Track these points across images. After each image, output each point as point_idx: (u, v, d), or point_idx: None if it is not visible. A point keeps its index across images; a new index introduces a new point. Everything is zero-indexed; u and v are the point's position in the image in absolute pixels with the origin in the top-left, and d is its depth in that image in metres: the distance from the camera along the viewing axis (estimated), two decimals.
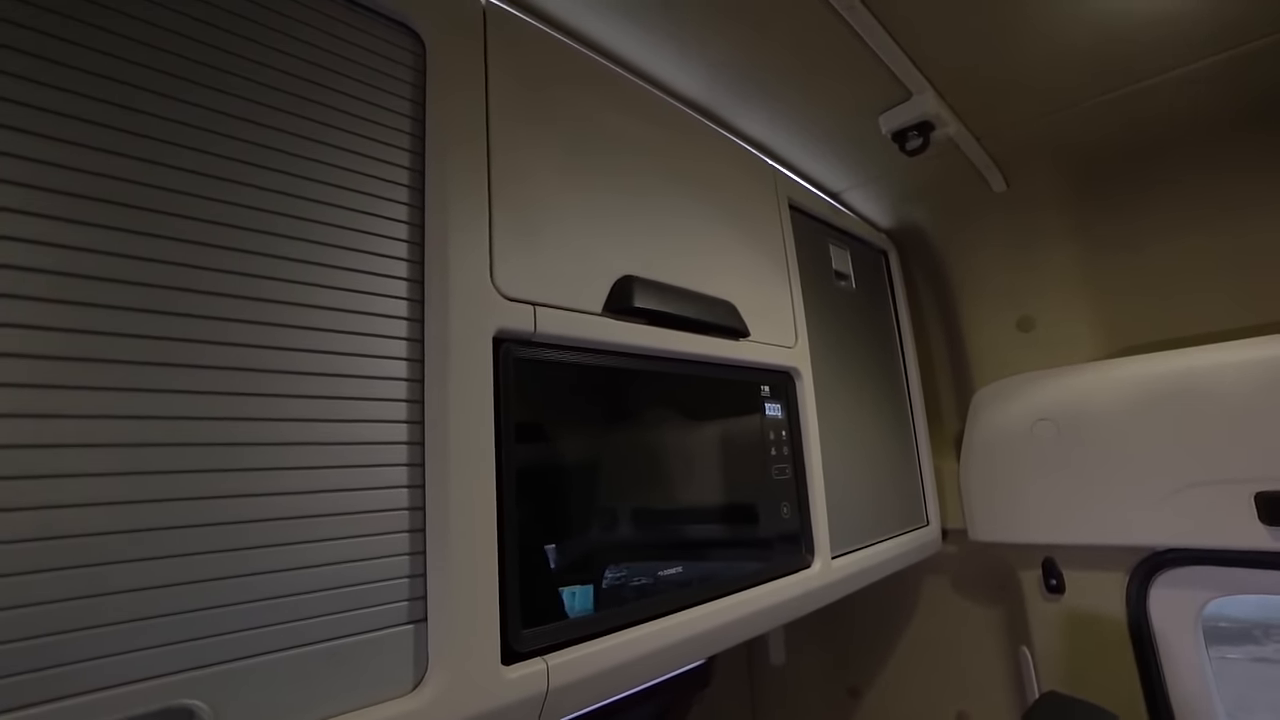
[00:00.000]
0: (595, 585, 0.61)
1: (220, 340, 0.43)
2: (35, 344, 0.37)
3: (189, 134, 0.44)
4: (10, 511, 0.35)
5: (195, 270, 0.43)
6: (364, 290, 0.51)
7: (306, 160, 0.50)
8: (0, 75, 0.38)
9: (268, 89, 0.49)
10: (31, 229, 0.37)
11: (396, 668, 0.47)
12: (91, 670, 0.36)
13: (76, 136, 0.40)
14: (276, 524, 0.44)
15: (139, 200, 0.41)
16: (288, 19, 0.51)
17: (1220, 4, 0.74)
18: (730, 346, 0.83)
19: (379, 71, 0.56)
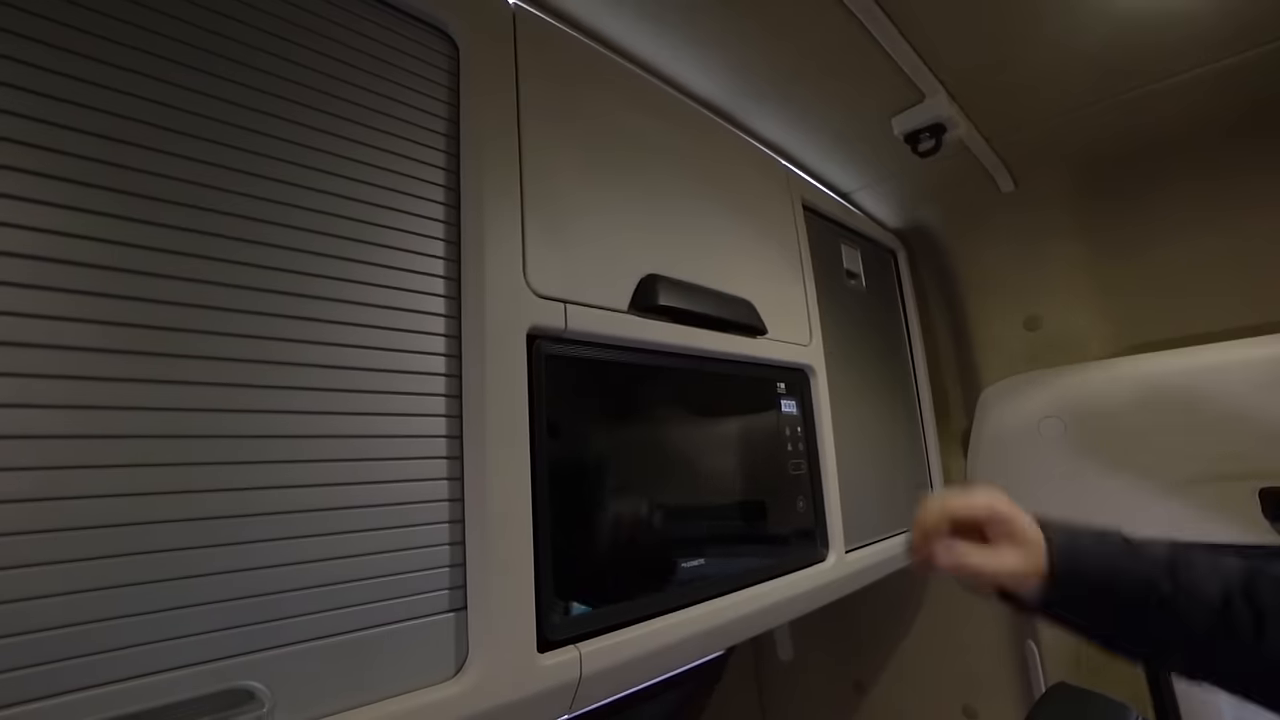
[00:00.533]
0: (623, 576, 0.63)
1: (276, 336, 0.44)
2: (120, 339, 0.38)
3: (236, 135, 0.45)
4: (84, 499, 0.36)
5: (248, 268, 0.44)
6: (403, 288, 0.52)
7: (348, 160, 0.51)
8: (56, 75, 0.39)
9: (311, 90, 0.50)
10: (103, 229, 0.39)
11: (439, 654, 0.49)
12: (161, 652, 0.38)
13: (136, 138, 0.41)
14: (327, 514, 0.45)
15: (193, 200, 0.43)
16: (329, 22, 0.52)
17: (1233, 8, 0.76)
18: (749, 344, 0.84)
19: (415, 74, 0.57)
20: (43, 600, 0.34)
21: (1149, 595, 0.49)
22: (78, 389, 0.37)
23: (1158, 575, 0.49)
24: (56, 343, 0.36)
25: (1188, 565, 0.50)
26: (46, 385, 0.36)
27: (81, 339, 0.37)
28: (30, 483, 0.35)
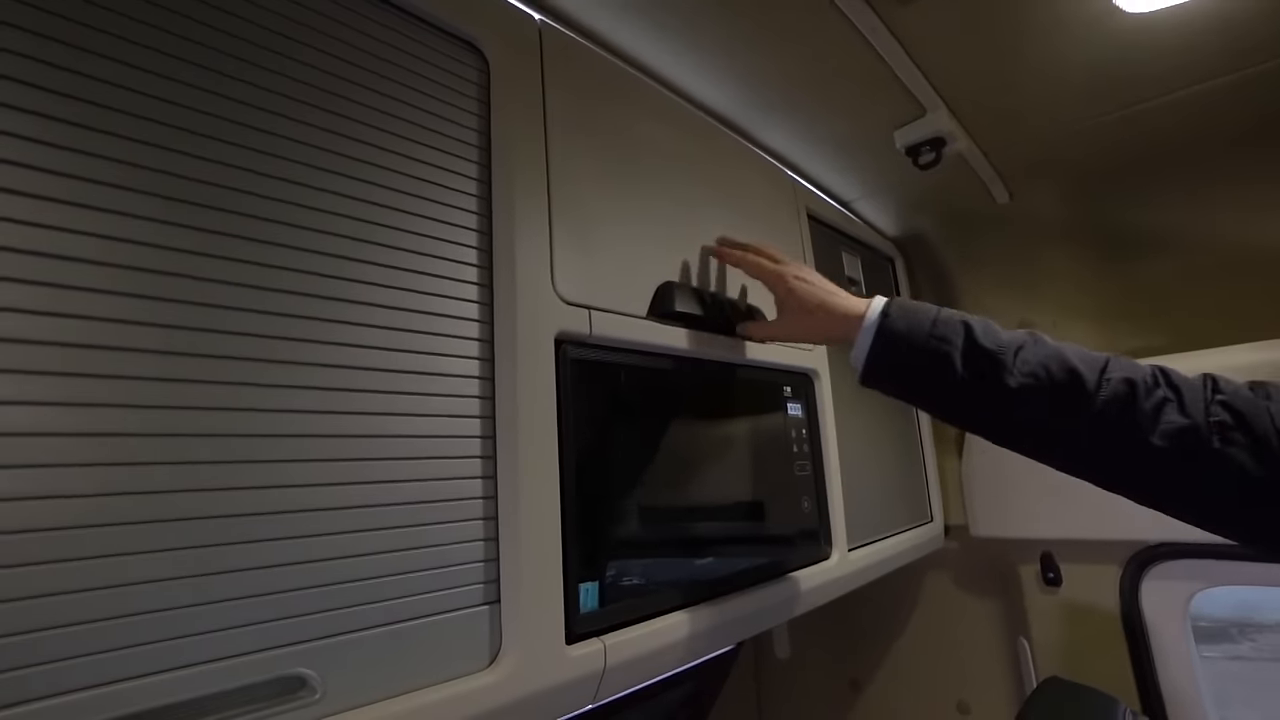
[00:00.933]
0: (643, 571, 0.65)
1: (323, 340, 0.47)
2: (204, 345, 0.40)
3: (280, 144, 0.47)
4: (156, 495, 0.38)
5: (293, 273, 0.46)
6: (441, 294, 0.54)
7: (388, 170, 0.53)
8: (94, 81, 0.41)
9: (350, 102, 0.52)
10: (142, 232, 0.41)
11: (475, 645, 0.51)
12: (221, 640, 0.40)
13: (189, 148, 0.43)
14: (373, 510, 0.47)
15: (249, 209, 0.45)
16: (370, 38, 0.54)
17: (1226, 29, 0.80)
18: (757, 349, 0.87)
19: (448, 87, 0.59)
20: (118, 589, 0.36)
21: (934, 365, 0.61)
22: (150, 390, 0.39)
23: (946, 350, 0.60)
24: (138, 346, 0.38)
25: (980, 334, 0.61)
26: (134, 386, 0.38)
27: (150, 342, 0.39)
28: (105, 479, 0.37)
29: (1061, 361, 0.57)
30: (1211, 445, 0.50)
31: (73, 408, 0.36)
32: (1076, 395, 0.55)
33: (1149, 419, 0.52)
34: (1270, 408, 0.50)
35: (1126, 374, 0.55)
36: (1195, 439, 0.51)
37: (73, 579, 0.35)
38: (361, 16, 0.54)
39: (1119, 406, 0.54)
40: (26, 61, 0.37)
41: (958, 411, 0.63)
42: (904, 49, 0.84)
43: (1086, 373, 0.56)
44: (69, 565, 0.35)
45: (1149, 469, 0.53)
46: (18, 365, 0.34)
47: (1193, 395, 0.53)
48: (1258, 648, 6.20)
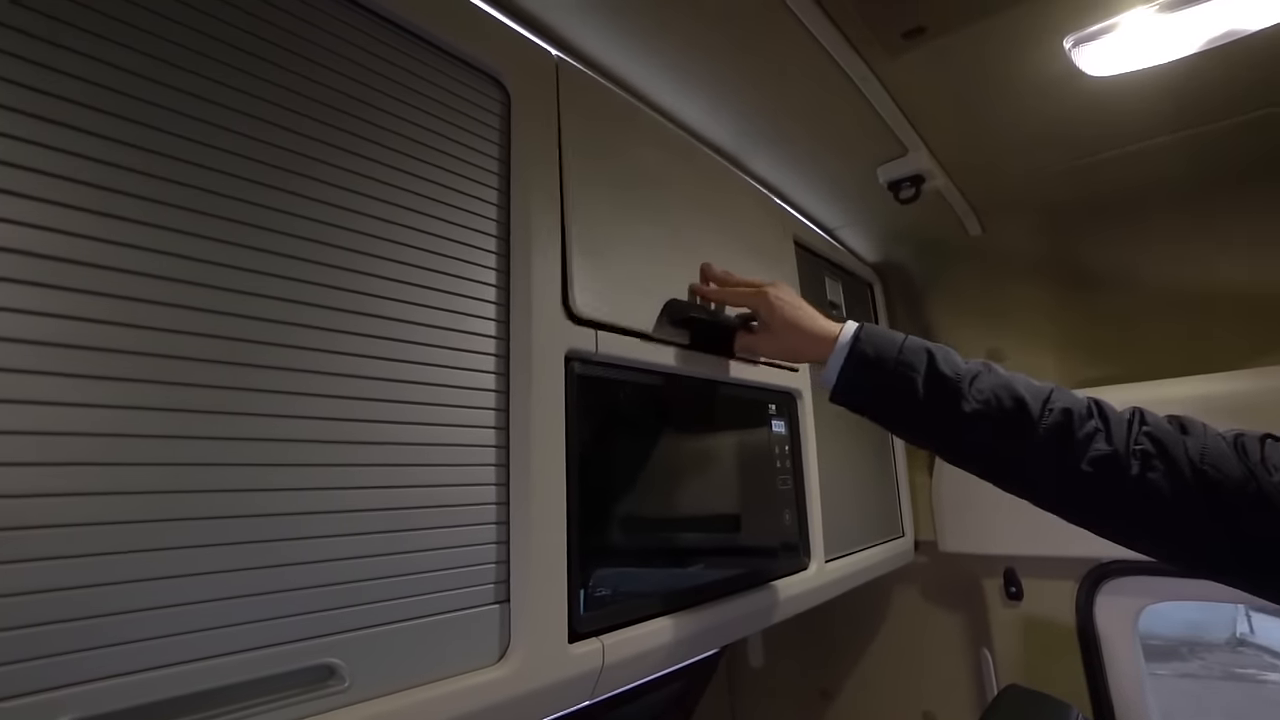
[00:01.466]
0: (639, 576, 0.70)
1: (355, 353, 0.50)
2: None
3: (311, 165, 0.51)
4: (198, 494, 0.41)
5: (325, 289, 0.50)
6: (461, 311, 0.58)
7: (413, 194, 0.57)
8: (125, 123, 0.44)
9: (380, 129, 0.55)
10: (174, 244, 0.44)
11: (486, 641, 0.55)
12: (258, 630, 0.43)
13: (226, 166, 0.46)
14: (396, 513, 0.51)
15: (283, 227, 0.48)
16: (400, 69, 0.58)
17: (1172, 96, 0.88)
18: (746, 369, 0.92)
19: (472, 117, 0.63)
20: (160, 581, 0.39)
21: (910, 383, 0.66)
22: (203, 396, 0.42)
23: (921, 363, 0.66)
24: (191, 355, 0.42)
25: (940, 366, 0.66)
26: (189, 393, 0.41)
27: (207, 353, 0.42)
28: (158, 479, 0.40)
29: (1010, 391, 0.62)
30: (1131, 471, 0.56)
31: (125, 410, 0.39)
32: (1021, 423, 0.61)
33: (1080, 446, 0.58)
34: (1186, 441, 0.56)
35: (1065, 404, 0.61)
36: (1117, 466, 0.57)
37: (109, 571, 0.37)
38: (396, 50, 0.58)
39: (1058, 434, 0.59)
40: (79, 83, 0.40)
41: (918, 432, 0.69)
42: (890, 95, 0.90)
43: (1031, 402, 0.61)
44: (108, 558, 0.37)
45: (1079, 492, 0.59)
46: (78, 369, 0.38)
47: (1119, 426, 0.59)
48: (1206, 665, 6.46)
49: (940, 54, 0.83)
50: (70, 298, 0.38)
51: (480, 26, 0.66)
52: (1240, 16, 0.72)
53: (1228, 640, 7.08)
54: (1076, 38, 0.79)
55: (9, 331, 0.35)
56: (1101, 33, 0.78)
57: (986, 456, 0.64)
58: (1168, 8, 0.73)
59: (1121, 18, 0.75)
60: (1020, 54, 0.82)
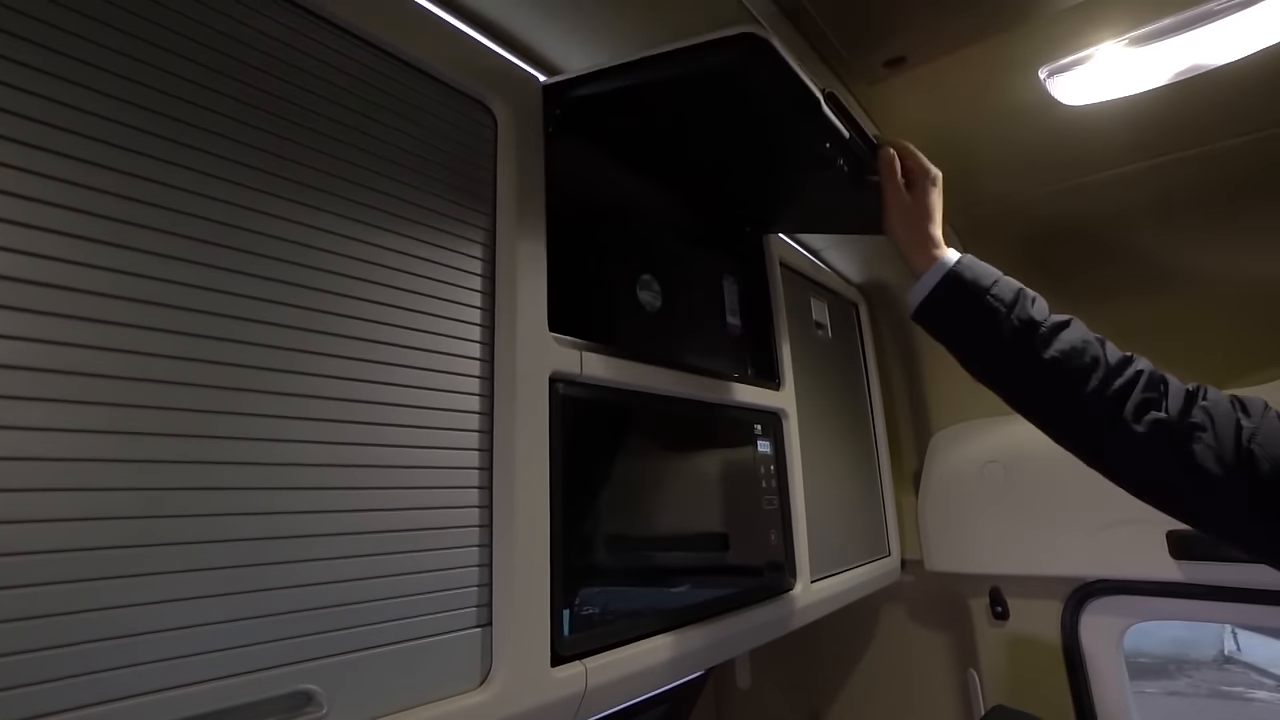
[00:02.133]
0: (622, 598, 0.69)
1: (332, 375, 0.50)
2: (194, 373, 0.43)
3: (294, 189, 0.51)
4: (171, 519, 0.41)
5: (305, 310, 0.50)
6: (445, 334, 0.59)
7: (399, 217, 0.57)
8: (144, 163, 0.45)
9: (370, 155, 0.56)
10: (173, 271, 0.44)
11: (467, 665, 0.54)
12: (234, 658, 0.42)
13: (205, 189, 0.47)
14: (377, 536, 0.50)
15: (269, 251, 0.48)
16: (389, 94, 0.59)
17: (1135, 126, 0.91)
18: (733, 389, 0.93)
19: (459, 142, 0.64)
20: (131, 609, 0.38)
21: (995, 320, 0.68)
22: (171, 420, 0.42)
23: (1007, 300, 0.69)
24: (161, 378, 0.42)
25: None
26: (156, 416, 0.41)
27: (173, 375, 0.42)
28: (130, 503, 0.39)
29: (1090, 349, 0.65)
30: (1180, 441, 0.58)
31: (97, 435, 0.39)
32: (1091, 380, 0.63)
33: (1139, 409, 0.61)
34: (1241, 420, 0.58)
35: (1138, 368, 0.64)
36: (1168, 432, 0.59)
37: (92, 598, 0.37)
38: (384, 75, 0.59)
39: (1121, 394, 0.62)
40: (104, 122, 0.41)
41: (990, 368, 0.71)
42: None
43: (1107, 362, 0.64)
44: (89, 585, 0.37)
45: (1127, 453, 0.62)
46: (51, 393, 0.37)
47: (1177, 397, 0.61)
48: (1193, 683, 6.48)
49: (920, 82, 0.85)
50: (44, 321, 0.37)
51: (467, 52, 0.67)
52: (1204, 52, 0.75)
53: (1215, 658, 7.11)
54: (1051, 68, 0.82)
55: None
56: (1075, 64, 0.80)
57: (1048, 405, 0.67)
58: (1136, 42, 0.75)
59: (1093, 50, 0.78)
60: (997, 83, 0.85)
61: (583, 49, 0.80)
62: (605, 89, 0.70)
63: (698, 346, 0.93)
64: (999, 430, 1.33)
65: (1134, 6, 0.71)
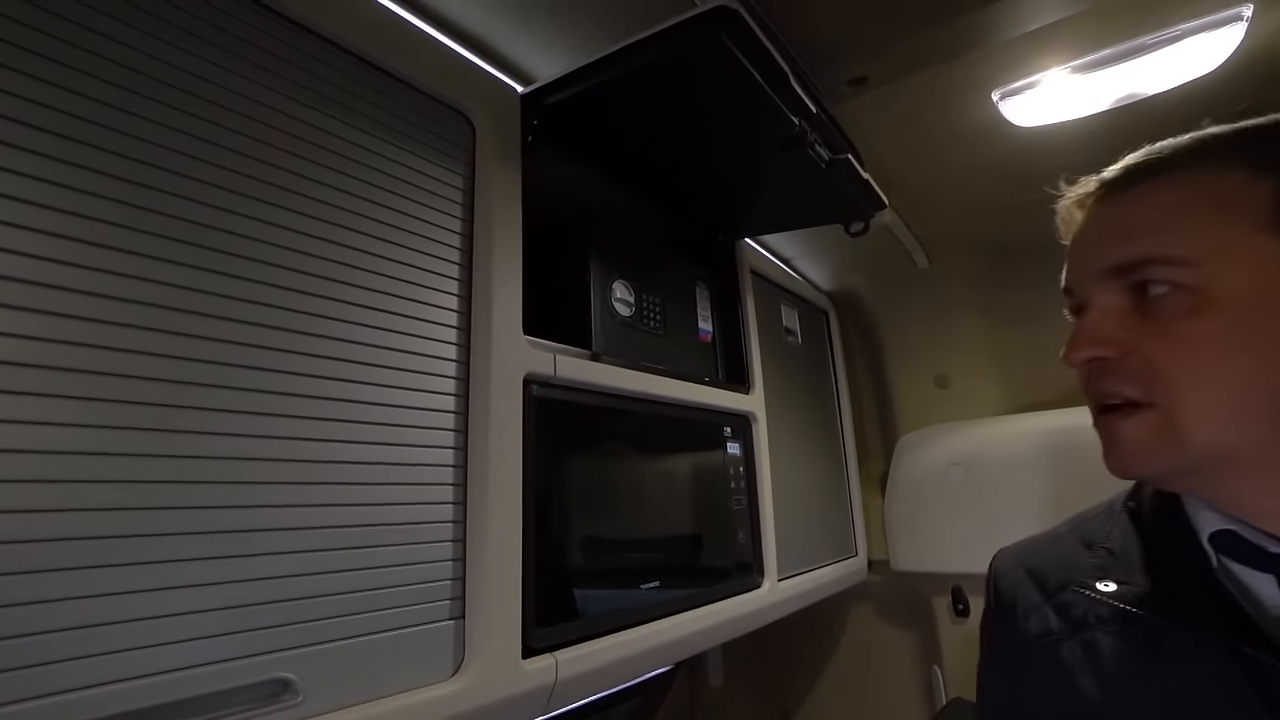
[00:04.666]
0: (592, 593, 0.72)
1: (311, 373, 0.52)
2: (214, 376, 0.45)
3: (275, 192, 0.53)
4: (157, 510, 0.43)
5: (284, 311, 0.51)
6: (422, 335, 0.61)
7: (378, 222, 0.59)
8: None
9: (351, 161, 0.58)
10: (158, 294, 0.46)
11: (440, 656, 0.56)
12: (214, 645, 0.44)
13: (186, 191, 0.49)
14: (353, 530, 0.52)
15: (256, 254, 0.50)
16: (370, 104, 0.60)
17: (1079, 147, 0.97)
18: (701, 391, 0.96)
19: (438, 149, 0.66)
20: (111, 597, 0.40)
21: None
22: (151, 414, 0.43)
23: None
24: (149, 375, 0.43)
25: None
26: (138, 411, 0.42)
27: (165, 373, 0.44)
28: (111, 494, 0.41)
29: None
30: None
31: (78, 429, 0.40)
32: None
33: None
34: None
35: None
36: None
37: (70, 586, 0.38)
38: (365, 84, 0.61)
39: None
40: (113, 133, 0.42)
41: None
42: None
43: None
44: (68, 574, 0.38)
45: None
46: (42, 388, 0.39)
47: None
48: None
49: (882, 102, 0.89)
50: (32, 318, 0.39)
51: (447, 63, 0.69)
52: (1139, 81, 0.81)
53: None
54: (1003, 91, 0.86)
55: None
56: (1025, 88, 0.85)
57: None
58: (1080, 70, 0.80)
59: (1041, 76, 0.83)
60: (954, 104, 0.90)
61: (560, 61, 0.83)
62: (583, 88, 0.72)
63: (670, 351, 0.96)
64: (962, 434, 1.38)
65: (1075, 38, 0.76)
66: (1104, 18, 0.73)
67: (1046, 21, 0.74)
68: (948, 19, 0.73)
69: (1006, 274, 1.35)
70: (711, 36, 0.62)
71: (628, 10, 0.75)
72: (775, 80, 0.69)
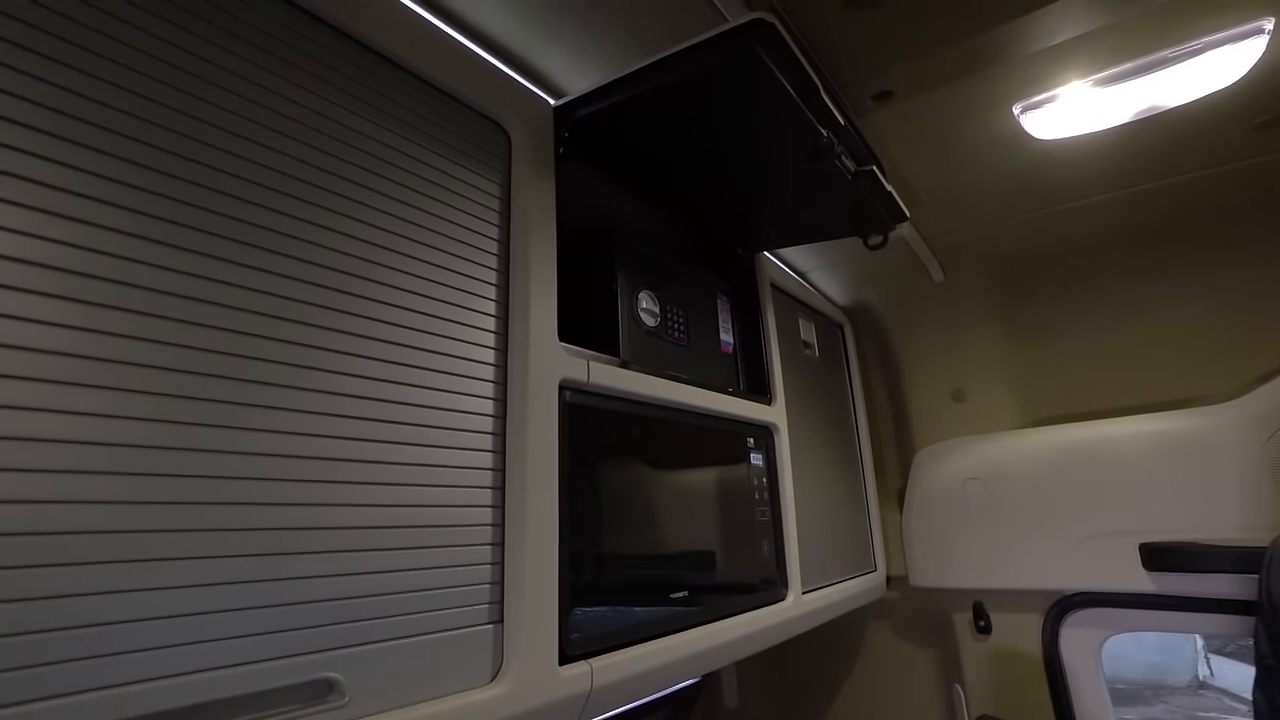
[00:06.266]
0: (626, 602, 0.71)
1: (360, 375, 0.52)
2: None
3: (322, 195, 0.54)
4: (209, 505, 0.43)
5: (335, 313, 0.52)
6: (461, 339, 0.61)
7: (420, 227, 0.60)
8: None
9: (393, 166, 0.59)
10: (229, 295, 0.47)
11: (480, 661, 0.56)
12: (258, 644, 0.43)
13: (241, 193, 0.49)
14: (397, 531, 0.52)
15: (293, 251, 0.51)
16: (413, 113, 0.62)
17: (1103, 160, 0.98)
18: (727, 401, 0.96)
19: (476, 159, 0.68)
20: (164, 591, 0.40)
21: None
22: (205, 410, 0.44)
23: None
24: (218, 373, 0.44)
25: None
26: (214, 408, 0.43)
27: (219, 369, 0.45)
28: (167, 489, 0.41)
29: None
30: None
31: (136, 421, 0.41)
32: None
33: None
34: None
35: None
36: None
37: (132, 579, 0.39)
38: (407, 94, 0.62)
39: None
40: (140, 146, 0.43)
41: None
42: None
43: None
44: (129, 566, 0.39)
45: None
46: (95, 380, 0.39)
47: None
48: (1169, 709, 6.53)
49: (906, 115, 0.91)
50: (94, 311, 0.40)
51: (484, 75, 0.70)
52: (1159, 94, 0.82)
53: (1189, 683, 7.19)
54: (1024, 105, 0.88)
55: (41, 343, 0.37)
56: (1045, 102, 0.87)
57: None
58: (1100, 83, 0.82)
59: (1061, 90, 0.84)
60: (975, 117, 0.91)
61: (591, 74, 0.85)
62: (614, 101, 0.73)
63: (693, 360, 0.97)
64: (979, 447, 1.38)
65: (1096, 52, 0.78)
66: (1125, 32, 0.75)
67: (1068, 36, 0.76)
68: (971, 34, 0.75)
69: (1023, 287, 1.36)
70: (746, 49, 0.64)
71: (657, 25, 0.77)
72: (806, 93, 0.71)
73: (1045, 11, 0.72)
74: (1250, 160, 0.97)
